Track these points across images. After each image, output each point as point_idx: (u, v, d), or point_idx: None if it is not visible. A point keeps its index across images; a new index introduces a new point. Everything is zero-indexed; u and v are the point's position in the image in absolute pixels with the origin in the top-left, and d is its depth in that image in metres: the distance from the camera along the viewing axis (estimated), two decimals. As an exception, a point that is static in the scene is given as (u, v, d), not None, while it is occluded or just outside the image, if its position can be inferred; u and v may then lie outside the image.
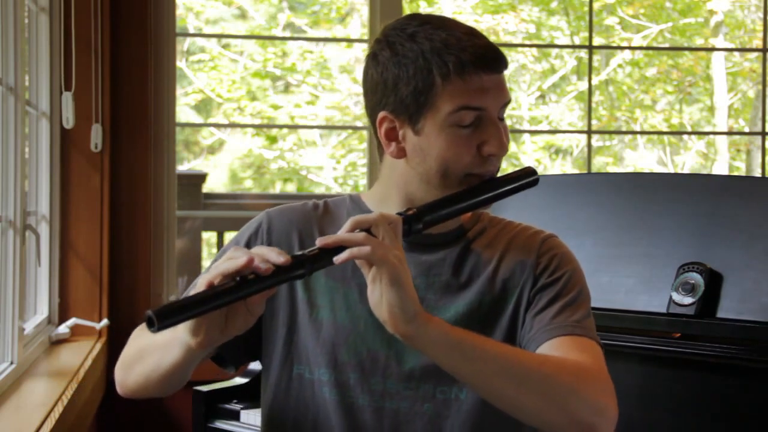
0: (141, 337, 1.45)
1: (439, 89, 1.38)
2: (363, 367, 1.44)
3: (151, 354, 1.38)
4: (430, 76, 1.38)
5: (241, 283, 1.21)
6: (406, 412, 1.43)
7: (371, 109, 1.46)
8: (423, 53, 1.39)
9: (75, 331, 3.18)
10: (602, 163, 9.62)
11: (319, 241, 1.26)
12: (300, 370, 1.48)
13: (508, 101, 1.44)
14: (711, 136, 10.04)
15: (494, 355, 1.29)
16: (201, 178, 8.71)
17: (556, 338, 1.39)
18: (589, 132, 4.30)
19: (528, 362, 1.31)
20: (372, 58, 1.45)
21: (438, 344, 1.26)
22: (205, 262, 8.27)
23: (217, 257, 1.53)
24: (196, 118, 9.34)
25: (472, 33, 1.41)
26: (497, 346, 1.32)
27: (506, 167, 9.85)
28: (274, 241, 1.50)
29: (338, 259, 1.25)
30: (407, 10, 8.65)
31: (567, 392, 1.30)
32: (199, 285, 1.24)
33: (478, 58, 1.38)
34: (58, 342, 3.11)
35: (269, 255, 1.23)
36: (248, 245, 1.51)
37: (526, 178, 1.48)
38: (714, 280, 2.07)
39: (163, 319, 1.15)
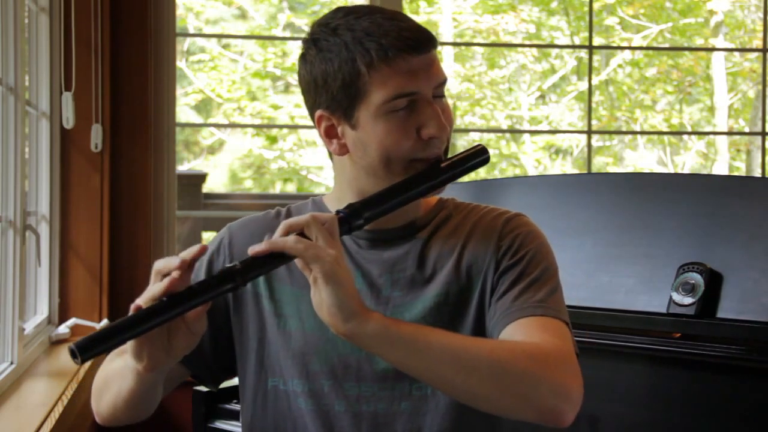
0: (107, 366, 1.45)
1: (366, 78, 1.34)
2: (335, 373, 1.42)
3: (113, 382, 1.38)
4: (354, 66, 1.34)
5: (168, 303, 1.17)
6: (384, 413, 1.41)
7: (309, 109, 1.43)
8: (346, 45, 1.35)
9: (75, 331, 3.18)
10: (602, 163, 9.62)
11: (250, 250, 1.23)
12: (275, 382, 1.46)
13: (443, 80, 1.39)
14: (711, 136, 10.04)
15: (440, 345, 1.24)
16: (201, 178, 8.71)
17: (518, 321, 1.35)
18: (589, 132, 4.30)
19: (477, 350, 1.26)
20: (301, 59, 1.42)
21: (380, 340, 1.22)
22: (205, 262, 8.26)
23: None
24: (196, 118, 9.34)
25: (394, 17, 1.37)
26: (443, 336, 1.27)
27: (505, 167, 9.86)
28: (236, 255, 1.48)
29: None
30: (407, 10, 8.65)
31: (522, 377, 1.25)
32: (131, 309, 1.21)
33: (401, 41, 1.34)
34: (58, 342, 3.11)
35: (185, 255, 1.22)
36: (211, 262, 1.51)
37: (474, 158, 1.42)
38: (714, 280, 2.06)
39: (84, 351, 1.12)
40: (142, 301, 1.21)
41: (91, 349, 1.12)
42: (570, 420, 1.28)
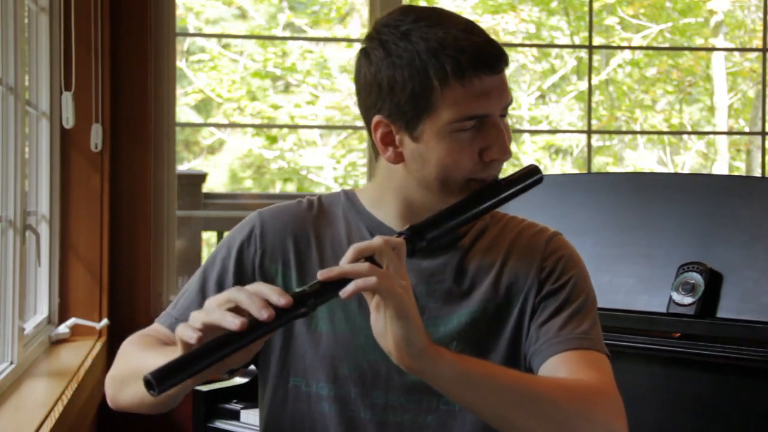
0: (133, 356, 1.39)
1: (438, 94, 1.30)
2: (364, 380, 1.39)
3: None
4: (427, 80, 1.30)
5: (240, 333, 1.14)
6: (410, 425, 1.39)
7: (365, 110, 1.39)
8: (418, 54, 1.30)
9: (75, 331, 3.18)
10: (602, 163, 9.62)
11: (321, 275, 1.18)
12: (296, 381, 1.43)
13: (511, 101, 1.36)
14: (711, 136, 10.05)
15: (503, 384, 1.24)
16: (201, 178, 8.71)
17: (563, 353, 1.34)
18: (589, 132, 4.30)
19: (537, 389, 1.27)
20: (364, 56, 1.36)
21: (446, 378, 1.21)
22: (205, 262, 8.26)
23: (210, 261, 1.48)
24: (196, 118, 9.34)
25: (470, 30, 1.32)
26: (506, 375, 1.27)
27: (506, 167, 9.84)
28: (268, 246, 1.44)
29: (344, 292, 1.17)
30: (407, 10, 8.64)
31: (578, 418, 1.26)
32: (192, 319, 1.16)
33: (478, 59, 1.30)
34: (58, 342, 3.11)
35: (269, 296, 1.15)
36: (241, 251, 1.45)
37: (530, 178, 1.41)
38: (714, 280, 2.07)
39: (161, 383, 1.09)
40: (206, 321, 1.15)
41: (168, 379, 1.10)
42: None
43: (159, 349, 1.35)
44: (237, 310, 1.16)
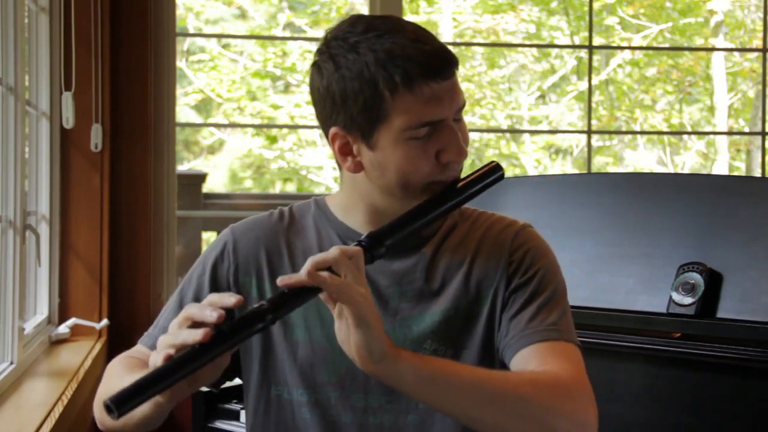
0: (115, 381, 1.38)
1: (389, 103, 1.32)
2: (343, 384, 1.41)
3: None
4: (377, 90, 1.31)
5: (200, 351, 1.16)
6: (390, 425, 1.40)
7: (322, 122, 1.40)
8: (367, 65, 1.31)
9: (75, 331, 3.18)
10: (602, 163, 9.62)
11: (280, 281, 1.21)
12: (278, 391, 1.45)
13: (463, 104, 1.37)
14: (711, 136, 10.05)
15: (468, 384, 1.26)
16: (201, 178, 8.72)
17: (533, 345, 1.36)
18: (589, 132, 4.30)
19: (503, 386, 1.28)
20: (316, 70, 1.38)
21: (409, 381, 1.23)
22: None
23: (186, 279, 1.51)
24: (196, 118, 9.34)
25: (417, 38, 1.33)
26: (470, 373, 1.28)
27: (505, 167, 9.84)
28: (241, 262, 1.47)
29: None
30: (407, 10, 8.65)
31: (545, 411, 1.27)
32: (159, 344, 1.19)
33: (426, 68, 1.31)
34: (58, 342, 3.11)
35: (219, 301, 1.19)
36: (215, 267, 1.48)
37: (490, 176, 1.42)
38: (714, 280, 2.06)
39: (120, 406, 1.11)
40: (170, 343, 1.18)
41: (127, 402, 1.12)
42: None
43: (138, 374, 1.33)
44: (196, 325, 1.18)
